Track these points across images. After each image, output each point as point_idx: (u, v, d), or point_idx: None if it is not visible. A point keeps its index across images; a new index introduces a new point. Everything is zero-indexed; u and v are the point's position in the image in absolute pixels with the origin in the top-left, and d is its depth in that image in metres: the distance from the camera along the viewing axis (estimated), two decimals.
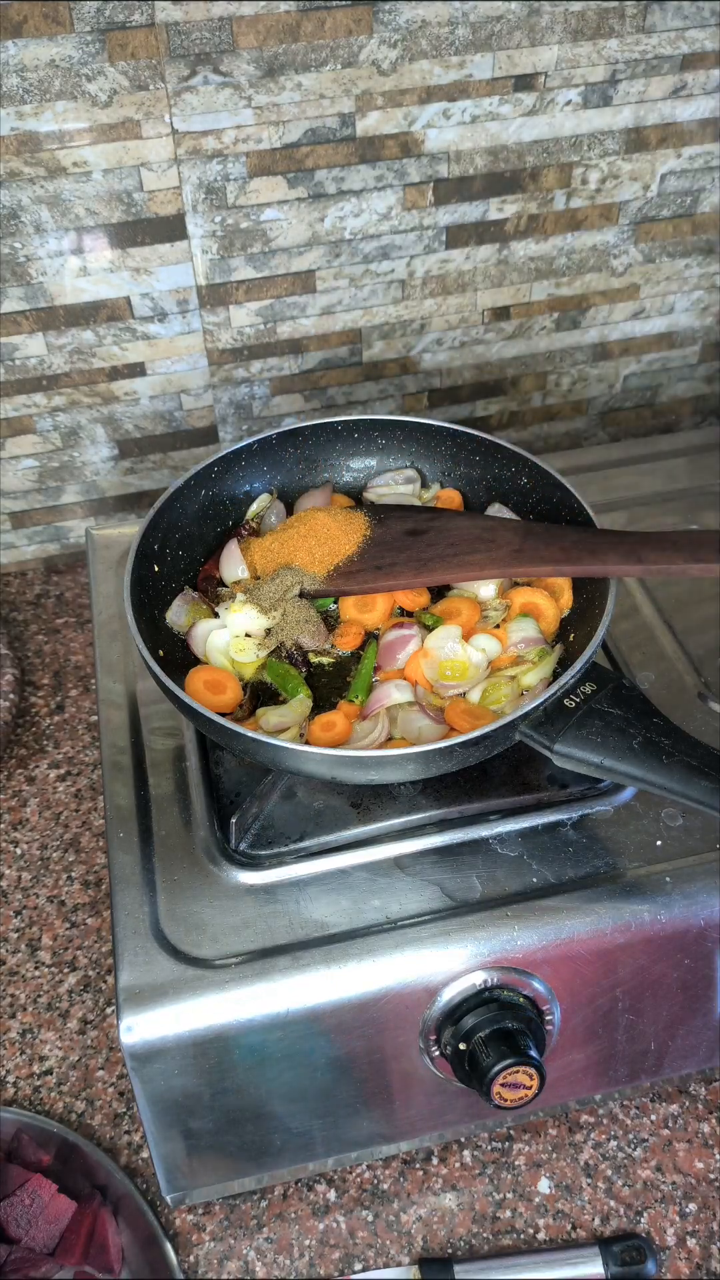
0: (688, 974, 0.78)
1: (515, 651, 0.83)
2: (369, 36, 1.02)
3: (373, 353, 1.25)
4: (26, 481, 1.24)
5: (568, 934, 0.74)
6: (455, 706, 0.80)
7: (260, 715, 0.80)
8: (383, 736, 0.79)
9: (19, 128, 1.00)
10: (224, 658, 0.84)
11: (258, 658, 0.84)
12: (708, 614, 0.97)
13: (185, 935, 0.74)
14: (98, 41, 0.96)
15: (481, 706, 0.80)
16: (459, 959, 0.73)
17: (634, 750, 0.71)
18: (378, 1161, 0.86)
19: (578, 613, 0.86)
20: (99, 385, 1.18)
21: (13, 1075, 0.89)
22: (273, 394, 1.25)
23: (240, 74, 1.01)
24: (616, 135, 1.15)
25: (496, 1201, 0.83)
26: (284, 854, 0.78)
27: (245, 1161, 0.79)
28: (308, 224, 1.12)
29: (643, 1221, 0.82)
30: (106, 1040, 0.91)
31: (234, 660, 0.84)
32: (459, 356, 1.28)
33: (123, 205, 1.06)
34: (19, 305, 1.10)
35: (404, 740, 0.79)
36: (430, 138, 1.10)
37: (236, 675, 0.83)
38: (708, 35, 1.10)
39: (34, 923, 0.99)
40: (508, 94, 1.09)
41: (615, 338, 1.32)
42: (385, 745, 0.79)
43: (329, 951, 0.72)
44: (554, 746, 0.72)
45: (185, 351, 1.18)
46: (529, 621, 0.85)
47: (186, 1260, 0.80)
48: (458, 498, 0.97)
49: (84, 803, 1.08)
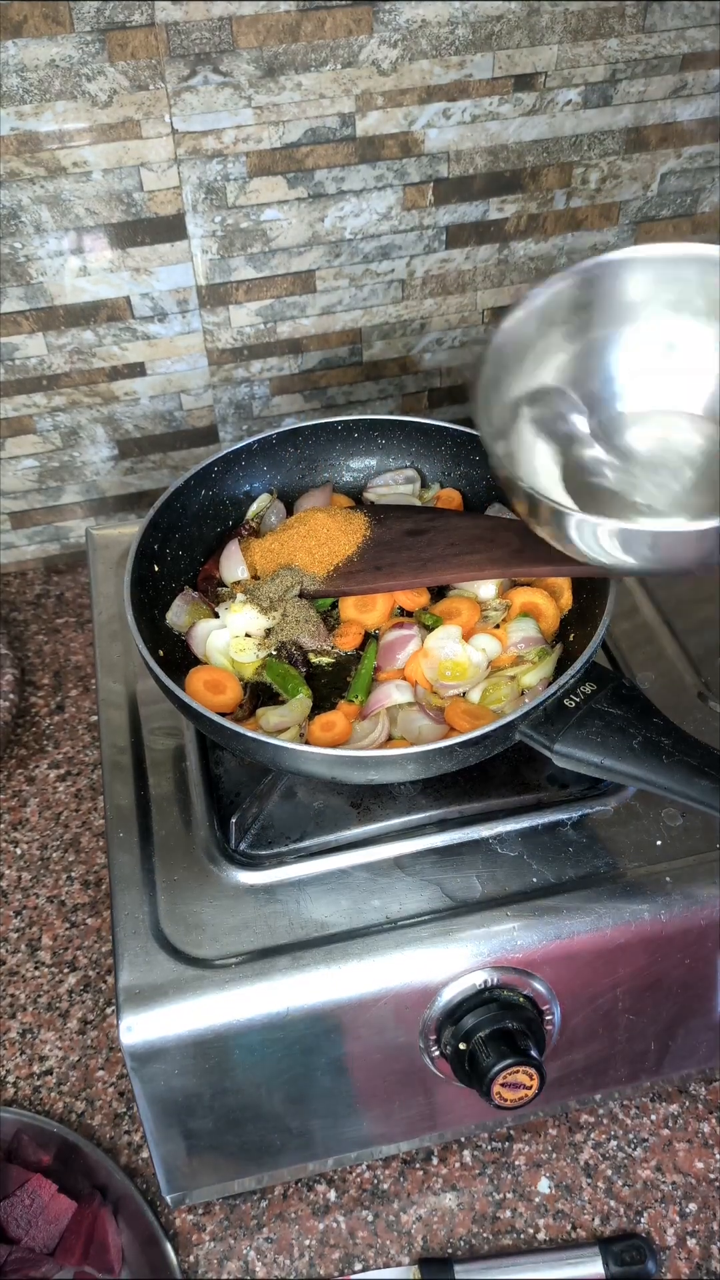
0: (688, 974, 0.78)
1: (515, 651, 0.83)
2: (369, 36, 1.02)
3: (373, 353, 1.25)
4: (26, 481, 1.24)
5: (568, 934, 0.74)
6: (455, 706, 0.80)
7: (260, 715, 0.80)
8: (383, 736, 0.79)
9: (19, 128, 0.99)
10: (224, 658, 0.84)
11: (257, 658, 0.84)
12: (708, 614, 0.96)
13: (185, 935, 0.74)
14: (98, 41, 0.96)
15: (481, 706, 0.80)
16: (459, 959, 0.73)
17: (634, 750, 0.71)
18: (378, 1161, 0.86)
19: (577, 613, 0.86)
20: (99, 385, 1.18)
21: (13, 1075, 0.89)
22: (273, 394, 1.25)
23: (240, 74, 1.01)
24: (616, 135, 1.15)
25: (496, 1201, 0.83)
26: (284, 854, 0.78)
27: (245, 1161, 0.79)
28: (308, 224, 1.12)
29: (643, 1221, 0.82)
30: (106, 1040, 0.91)
31: (234, 660, 0.84)
32: (459, 357, 1.28)
33: (123, 205, 1.06)
34: (19, 305, 1.10)
35: (404, 740, 0.79)
36: (430, 138, 1.10)
37: (236, 675, 0.83)
38: (708, 35, 1.10)
39: (34, 923, 0.99)
40: (508, 94, 1.09)
41: None
42: (385, 745, 0.79)
43: (329, 951, 0.72)
44: (554, 746, 0.72)
45: (185, 351, 1.18)
46: (529, 621, 0.85)
47: (186, 1260, 0.80)
48: (458, 498, 0.97)
49: (84, 803, 1.08)
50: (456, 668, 0.82)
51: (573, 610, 0.87)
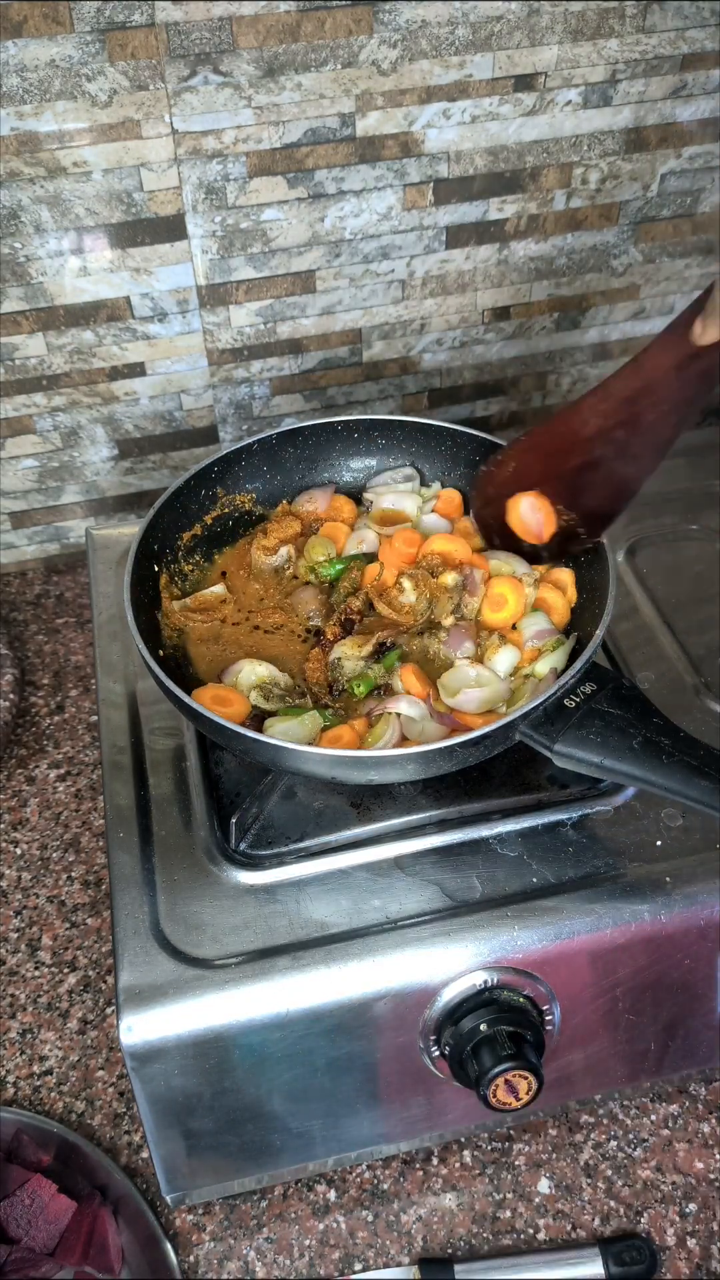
0: (688, 974, 0.78)
1: (532, 647, 0.83)
2: (369, 36, 1.02)
3: (373, 353, 1.25)
4: (26, 481, 1.24)
5: (568, 934, 0.74)
6: None
7: (268, 726, 0.79)
8: (395, 739, 0.78)
9: (19, 128, 0.99)
10: (253, 693, 0.82)
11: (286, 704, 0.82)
12: (708, 614, 0.97)
13: (185, 935, 0.74)
14: (98, 41, 0.96)
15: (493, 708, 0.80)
16: (459, 959, 0.73)
17: (634, 750, 0.71)
18: (378, 1161, 0.86)
19: (577, 612, 0.86)
20: (99, 385, 1.18)
21: (13, 1075, 0.89)
22: (273, 394, 1.25)
23: (240, 74, 1.01)
24: (616, 135, 1.15)
25: (496, 1201, 0.83)
26: (284, 854, 0.78)
27: (245, 1161, 0.79)
28: (308, 224, 1.12)
29: (643, 1221, 0.82)
30: (106, 1040, 0.91)
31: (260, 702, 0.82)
32: (459, 356, 1.28)
33: (123, 205, 1.06)
34: (19, 305, 1.10)
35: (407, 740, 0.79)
36: (430, 138, 1.10)
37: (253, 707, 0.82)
38: (708, 35, 1.10)
39: (34, 923, 0.99)
40: (508, 94, 1.09)
41: (615, 338, 1.32)
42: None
43: (329, 951, 0.72)
44: (554, 746, 0.72)
45: (185, 351, 1.18)
46: (539, 615, 0.85)
47: (186, 1260, 0.80)
48: (458, 497, 0.97)
49: (84, 803, 1.08)
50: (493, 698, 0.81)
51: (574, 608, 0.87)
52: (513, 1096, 0.71)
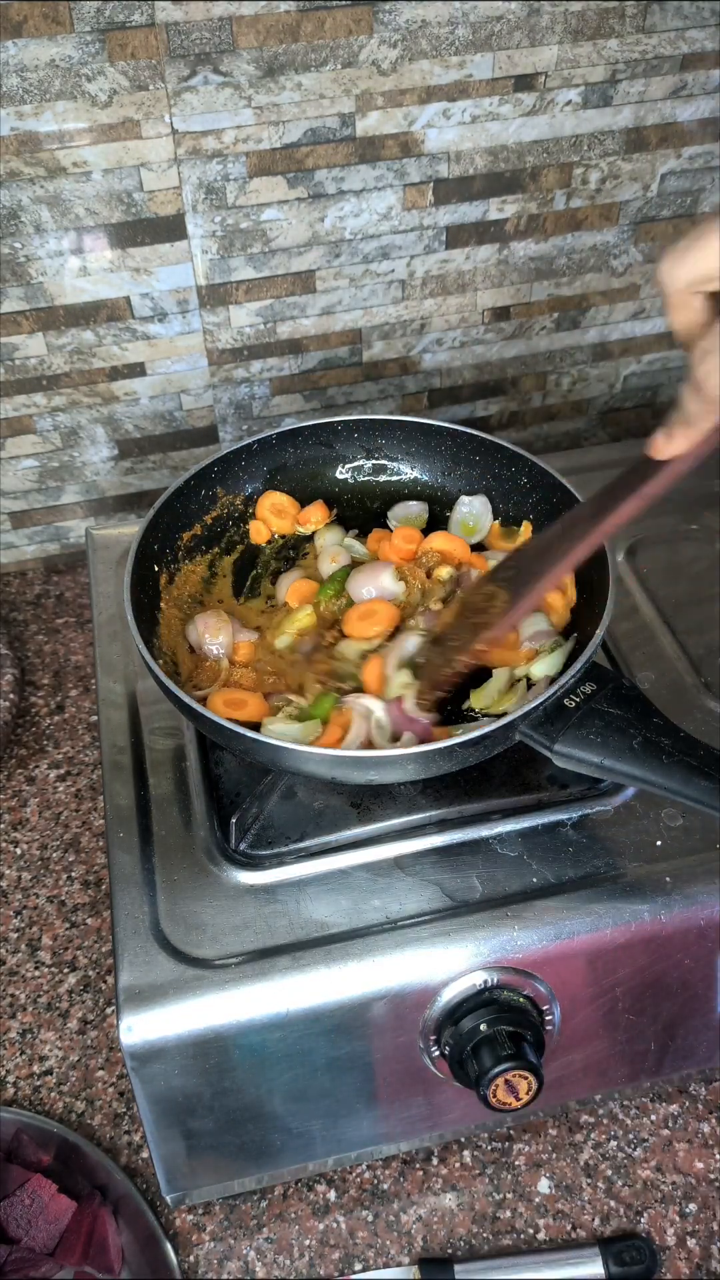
0: (688, 974, 0.78)
1: (530, 648, 0.83)
2: (369, 36, 1.02)
3: (373, 353, 1.25)
4: (26, 481, 1.24)
5: (568, 934, 0.74)
6: None
7: (265, 726, 0.79)
8: (360, 738, 0.78)
9: (19, 128, 0.99)
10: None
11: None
12: (708, 614, 0.96)
13: (185, 935, 0.74)
14: (98, 41, 0.96)
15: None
16: (459, 959, 0.73)
17: (634, 750, 0.71)
18: (378, 1161, 0.86)
19: (577, 613, 0.86)
20: (99, 385, 1.18)
21: (13, 1075, 0.89)
22: (273, 394, 1.25)
23: (240, 74, 1.01)
24: (616, 135, 1.15)
25: (496, 1201, 0.83)
26: (284, 854, 0.78)
27: (245, 1161, 0.79)
28: (308, 224, 1.12)
29: (643, 1221, 0.82)
30: (106, 1040, 0.91)
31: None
32: (459, 356, 1.28)
33: (123, 205, 1.06)
34: (19, 305, 1.10)
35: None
36: (430, 138, 1.10)
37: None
38: (708, 35, 1.10)
39: (34, 923, 0.99)
40: (508, 94, 1.09)
41: (615, 338, 1.32)
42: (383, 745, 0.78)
43: (329, 951, 0.72)
44: (554, 746, 0.72)
45: (185, 351, 1.18)
46: (539, 617, 0.85)
47: (186, 1260, 0.80)
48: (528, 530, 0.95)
49: (84, 803, 1.08)
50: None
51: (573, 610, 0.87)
52: (513, 1096, 0.71)
